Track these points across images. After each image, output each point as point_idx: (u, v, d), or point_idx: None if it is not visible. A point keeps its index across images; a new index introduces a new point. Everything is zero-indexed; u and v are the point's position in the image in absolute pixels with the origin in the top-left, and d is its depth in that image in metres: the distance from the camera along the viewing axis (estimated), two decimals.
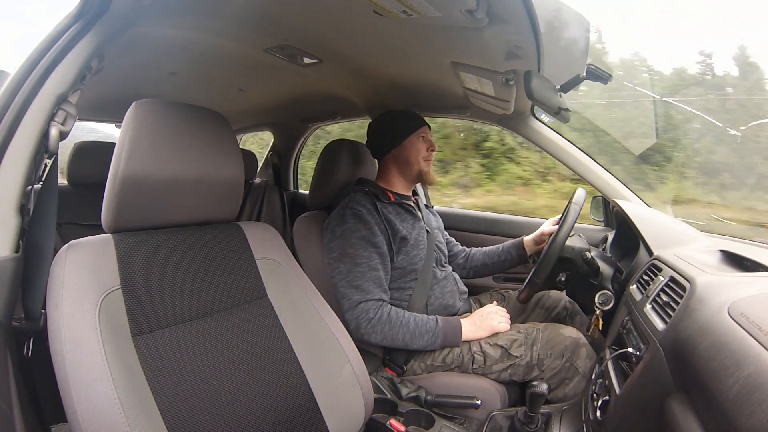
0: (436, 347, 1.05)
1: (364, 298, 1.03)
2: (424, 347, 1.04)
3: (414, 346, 1.03)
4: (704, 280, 0.65)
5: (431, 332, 1.03)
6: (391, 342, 1.02)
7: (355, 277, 1.04)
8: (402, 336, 1.02)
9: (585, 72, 0.87)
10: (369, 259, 1.06)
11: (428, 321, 1.05)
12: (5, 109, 0.60)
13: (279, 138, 2.46)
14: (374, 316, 1.01)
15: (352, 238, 1.07)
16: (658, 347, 0.61)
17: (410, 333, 1.02)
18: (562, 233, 1.02)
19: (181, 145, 0.66)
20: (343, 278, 1.05)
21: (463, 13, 0.70)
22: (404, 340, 1.02)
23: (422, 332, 1.03)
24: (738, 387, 0.41)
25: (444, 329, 1.04)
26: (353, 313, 1.02)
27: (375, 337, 1.02)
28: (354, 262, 1.05)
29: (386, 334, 1.01)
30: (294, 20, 0.97)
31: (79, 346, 0.52)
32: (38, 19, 7.82)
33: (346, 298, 1.04)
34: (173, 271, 0.66)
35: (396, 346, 1.03)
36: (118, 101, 1.58)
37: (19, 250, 0.61)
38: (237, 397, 0.63)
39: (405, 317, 1.04)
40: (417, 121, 1.23)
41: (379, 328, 1.01)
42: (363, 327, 1.01)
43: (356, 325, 1.01)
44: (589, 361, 0.98)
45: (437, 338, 1.03)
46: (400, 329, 1.02)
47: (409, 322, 1.03)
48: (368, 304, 1.02)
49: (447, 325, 1.05)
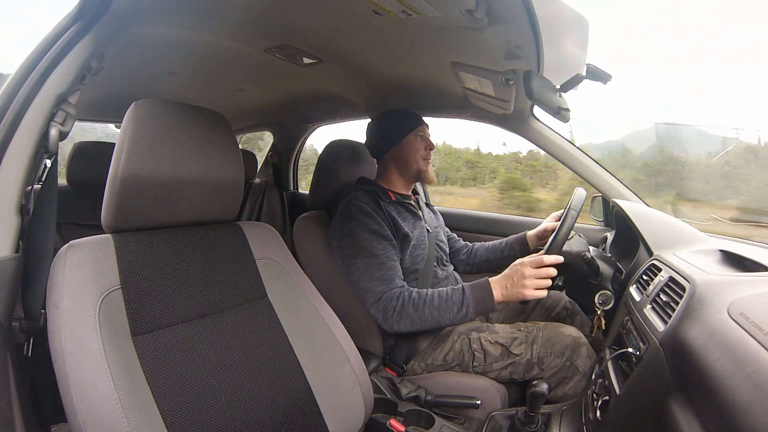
0: (470, 317, 0.99)
1: (387, 288, 1.02)
2: (457, 320, 0.99)
3: (446, 322, 0.99)
4: (704, 280, 0.65)
5: (459, 303, 0.98)
6: (421, 324, 0.99)
7: (375, 270, 1.03)
8: (430, 314, 0.98)
9: (585, 72, 0.87)
10: (385, 250, 1.06)
11: (454, 292, 1.00)
12: (5, 109, 0.60)
13: (279, 138, 2.46)
14: (398, 303, 1.00)
15: (364, 232, 1.06)
16: (658, 347, 0.61)
17: (437, 309, 0.98)
18: (558, 239, 1.00)
19: (181, 145, 0.66)
20: (363, 272, 1.04)
21: (463, 13, 0.70)
22: (433, 317, 0.98)
23: (450, 305, 0.98)
24: (738, 387, 0.41)
25: (474, 296, 0.99)
26: (378, 305, 1.01)
27: (404, 323, 0.99)
28: (371, 254, 1.04)
29: (414, 318, 0.99)
30: (294, 20, 0.97)
31: (79, 345, 0.52)
32: (38, 19, 7.83)
33: (369, 292, 1.02)
34: (173, 271, 0.66)
35: (428, 326, 0.99)
36: (118, 101, 1.58)
37: (19, 250, 0.61)
38: (237, 397, 0.63)
39: (428, 294, 1.00)
40: (415, 119, 1.23)
41: (405, 314, 0.99)
42: (390, 317, 0.99)
43: (384, 317, 1.00)
44: (589, 360, 0.98)
45: (468, 307, 0.98)
46: (425, 308, 0.98)
47: (433, 299, 0.99)
48: (392, 292, 1.01)
49: (475, 292, 0.99)
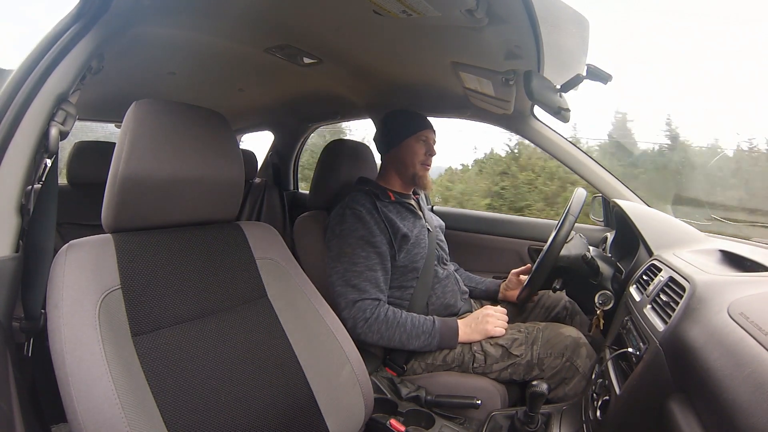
0: (432, 348, 1.04)
1: (360, 297, 1.03)
2: (420, 348, 1.04)
3: (410, 347, 1.03)
4: (704, 280, 0.65)
5: (428, 333, 1.03)
6: (388, 342, 1.02)
7: (352, 276, 1.04)
8: (399, 336, 1.02)
9: (585, 72, 0.87)
10: (367, 259, 1.06)
11: (425, 322, 1.04)
12: (5, 109, 0.60)
13: (279, 138, 2.46)
14: (371, 315, 1.01)
15: (351, 237, 1.07)
16: (658, 347, 0.60)
17: (407, 333, 1.02)
18: (555, 244, 1.00)
19: (181, 145, 0.66)
20: (340, 277, 1.05)
21: (463, 13, 0.70)
22: (401, 340, 1.02)
23: (419, 333, 1.02)
24: (738, 387, 0.41)
25: (441, 330, 1.04)
26: (350, 311, 1.02)
27: (371, 336, 1.01)
28: (351, 261, 1.05)
29: (383, 334, 1.01)
30: (294, 20, 0.97)
31: (79, 346, 0.52)
32: (38, 19, 7.84)
33: (342, 297, 1.04)
34: (173, 270, 0.66)
35: (392, 346, 1.03)
36: (118, 101, 1.58)
37: (19, 250, 0.61)
38: (237, 397, 0.63)
39: (402, 317, 1.03)
40: (419, 123, 1.22)
41: (375, 327, 1.01)
42: (359, 326, 1.01)
43: (353, 324, 1.01)
44: (589, 360, 0.98)
45: (434, 339, 1.03)
46: (396, 329, 1.02)
47: (406, 323, 1.03)
48: (365, 303, 1.02)
49: (444, 327, 1.04)
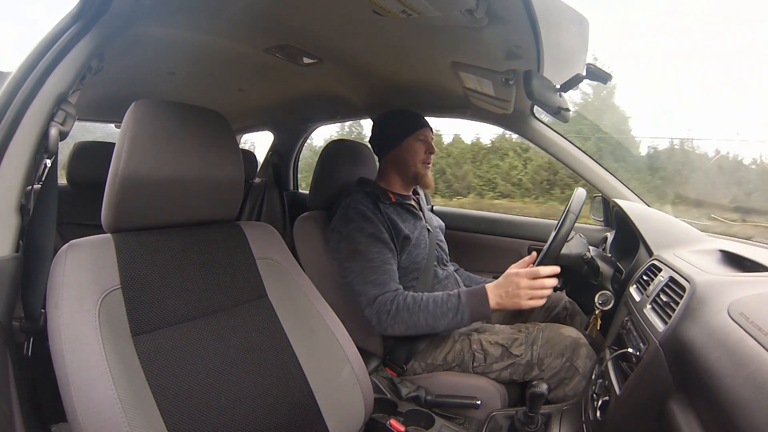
0: (464, 324, 0.99)
1: (381, 291, 1.01)
2: (452, 326, 0.99)
3: (440, 328, 0.99)
4: (704, 280, 0.65)
5: (454, 309, 0.97)
6: (416, 329, 0.99)
7: (369, 273, 1.03)
8: (424, 319, 0.98)
9: (585, 72, 0.87)
10: (381, 254, 1.05)
11: (449, 299, 0.99)
12: (5, 109, 0.60)
13: (279, 138, 2.46)
14: (392, 307, 0.99)
15: (361, 236, 1.06)
16: (658, 347, 0.60)
17: (431, 314, 0.98)
18: (556, 243, 0.99)
19: (181, 145, 0.66)
20: (357, 276, 1.04)
21: (463, 13, 0.70)
22: (428, 323, 0.98)
23: (444, 311, 0.98)
24: (738, 387, 0.41)
25: (468, 304, 0.98)
26: (372, 308, 1.00)
27: (398, 327, 0.99)
28: (366, 258, 1.04)
29: (408, 323, 0.98)
30: (294, 20, 0.97)
31: (79, 346, 0.52)
32: (38, 19, 7.85)
33: (363, 295, 1.02)
34: (173, 270, 0.66)
35: (422, 331, 0.99)
36: (118, 101, 1.57)
37: (19, 250, 0.61)
38: (237, 397, 0.63)
39: (423, 299, 0.99)
40: (417, 122, 1.22)
41: (399, 318, 0.99)
42: (384, 320, 0.99)
43: (378, 320, 1.00)
44: (589, 360, 0.98)
45: (463, 314, 0.97)
46: (420, 313, 0.98)
47: (428, 304, 0.99)
48: (385, 296, 1.01)
49: (471, 299, 0.98)
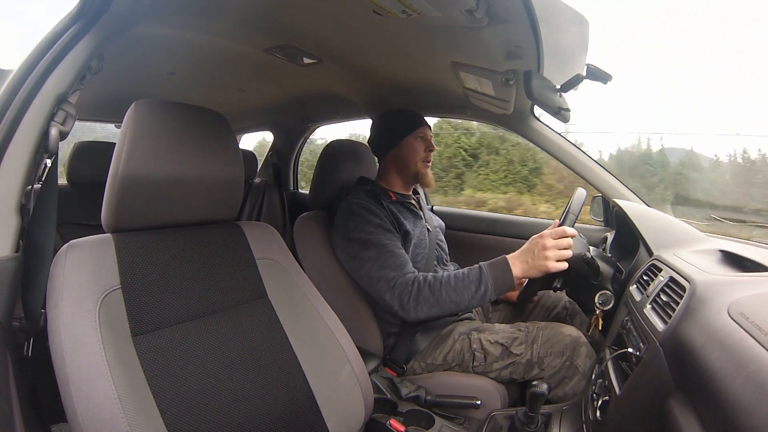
0: (489, 296, 0.95)
1: (400, 273, 1.01)
2: (476, 301, 0.95)
3: (465, 303, 0.95)
4: (704, 280, 0.65)
5: (476, 281, 0.95)
6: (440, 307, 0.96)
7: (386, 258, 1.02)
8: (447, 295, 0.95)
9: (585, 72, 0.87)
10: (392, 240, 1.06)
11: (470, 271, 0.97)
12: (5, 109, 0.60)
13: (279, 138, 2.46)
14: (414, 288, 0.98)
15: (369, 227, 1.06)
16: (658, 347, 0.61)
17: (453, 289, 0.95)
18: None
19: (181, 145, 0.66)
20: (373, 263, 1.03)
21: (463, 13, 0.70)
22: (451, 298, 0.95)
23: (467, 284, 0.95)
24: (738, 387, 0.41)
25: (492, 274, 0.95)
26: (393, 292, 0.99)
27: (422, 309, 0.97)
28: (379, 244, 1.04)
29: (431, 302, 0.96)
30: (294, 20, 0.97)
31: (79, 346, 0.52)
32: (38, 19, 7.85)
33: (383, 280, 1.01)
34: (173, 270, 0.66)
35: (447, 310, 0.97)
36: (118, 101, 1.57)
37: (19, 250, 0.61)
38: (237, 397, 0.63)
39: (444, 276, 0.98)
40: (415, 121, 1.22)
41: (422, 297, 0.97)
42: (406, 303, 0.97)
43: (400, 304, 0.98)
44: (589, 360, 0.98)
45: (486, 285, 0.94)
46: (442, 289, 0.96)
47: (449, 279, 0.96)
48: (405, 277, 1.00)
49: (494, 269, 0.96)
